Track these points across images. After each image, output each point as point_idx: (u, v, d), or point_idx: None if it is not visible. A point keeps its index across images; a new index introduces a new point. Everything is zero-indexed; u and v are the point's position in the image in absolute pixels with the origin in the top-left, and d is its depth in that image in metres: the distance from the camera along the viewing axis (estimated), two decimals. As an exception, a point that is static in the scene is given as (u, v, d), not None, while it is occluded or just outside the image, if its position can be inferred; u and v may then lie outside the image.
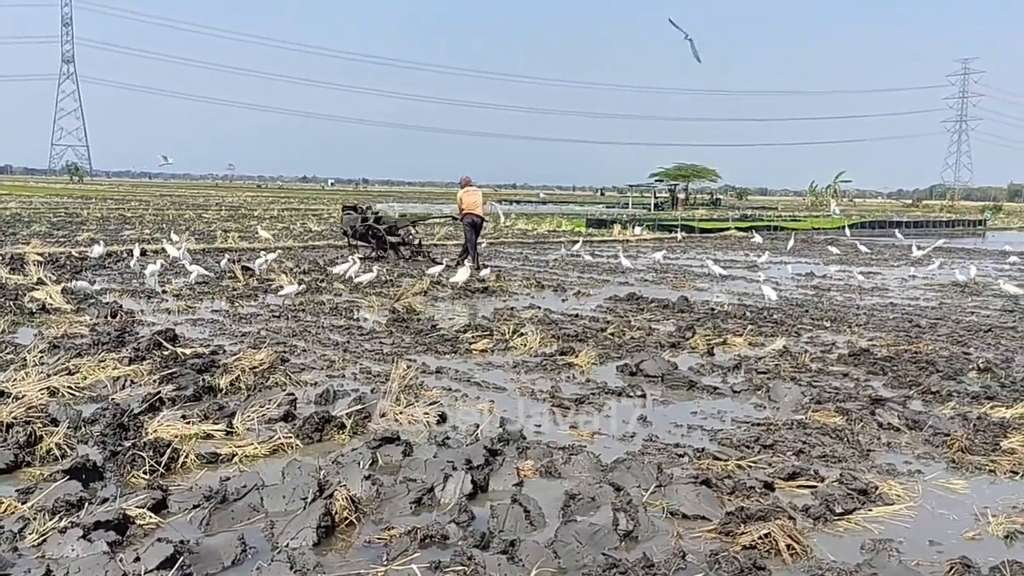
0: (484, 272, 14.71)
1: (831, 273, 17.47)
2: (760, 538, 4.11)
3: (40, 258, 15.35)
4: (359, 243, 18.38)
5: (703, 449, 5.61)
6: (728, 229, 33.16)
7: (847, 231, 31.65)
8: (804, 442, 5.80)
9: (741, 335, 9.66)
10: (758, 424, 6.27)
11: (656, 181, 67.89)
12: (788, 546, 4.06)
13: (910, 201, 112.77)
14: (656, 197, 63.51)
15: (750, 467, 5.26)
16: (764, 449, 5.65)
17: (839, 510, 4.57)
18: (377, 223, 18.00)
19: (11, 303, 10.50)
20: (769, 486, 4.90)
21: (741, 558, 3.91)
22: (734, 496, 4.74)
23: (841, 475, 5.03)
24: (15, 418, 5.51)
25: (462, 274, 13.54)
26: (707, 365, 8.23)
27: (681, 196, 64.41)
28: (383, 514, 4.47)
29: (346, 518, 4.31)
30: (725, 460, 5.36)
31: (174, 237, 20.00)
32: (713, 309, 11.82)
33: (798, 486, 4.98)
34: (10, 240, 19.73)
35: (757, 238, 26.25)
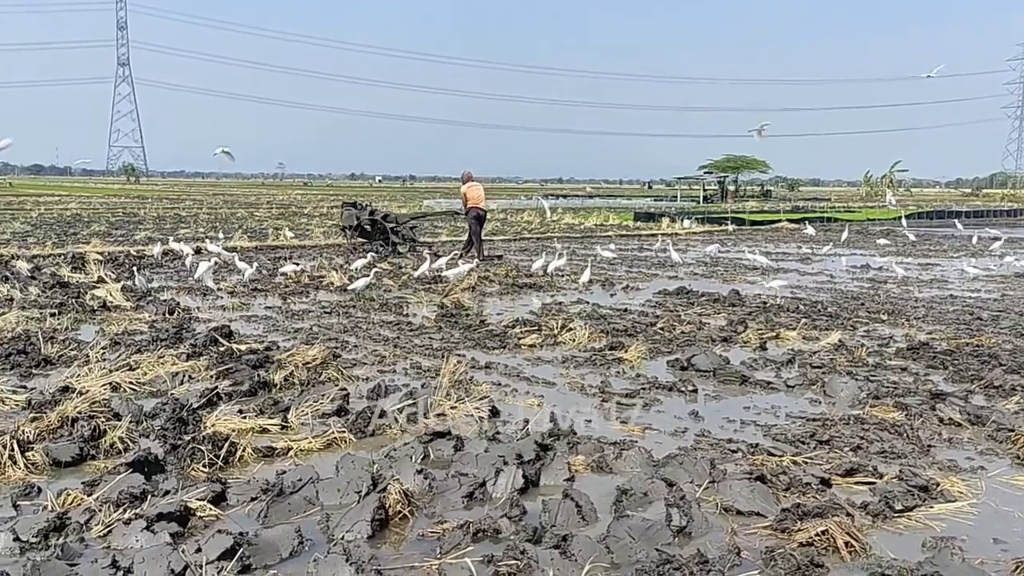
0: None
1: (887, 265, 17.10)
2: (817, 535, 4.05)
3: (100, 257, 15.77)
4: (359, 239, 18.59)
5: (757, 445, 5.54)
6: (780, 221, 32.66)
7: (904, 222, 30.93)
8: (862, 438, 5.69)
9: (794, 329, 9.51)
10: (813, 419, 6.17)
11: (705, 173, 67.14)
12: (846, 543, 3.99)
13: (969, 190, 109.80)
14: (705, 190, 62.81)
15: (806, 463, 5.18)
16: (820, 445, 5.55)
17: (899, 507, 4.48)
18: (371, 217, 18.47)
19: (74, 301, 10.81)
20: (826, 482, 4.82)
21: (798, 555, 3.85)
22: (790, 492, 4.67)
23: (901, 471, 4.93)
24: (80, 413, 5.67)
25: (463, 267, 13.73)
26: (760, 359, 8.12)
27: (731, 188, 63.61)
28: (436, 508, 4.50)
29: (399, 511, 4.35)
30: (780, 456, 5.28)
31: (220, 235, 20.39)
32: (765, 303, 11.66)
33: (856, 482, 4.89)
34: (71, 239, 20.29)
35: (810, 230, 25.83)
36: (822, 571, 3.79)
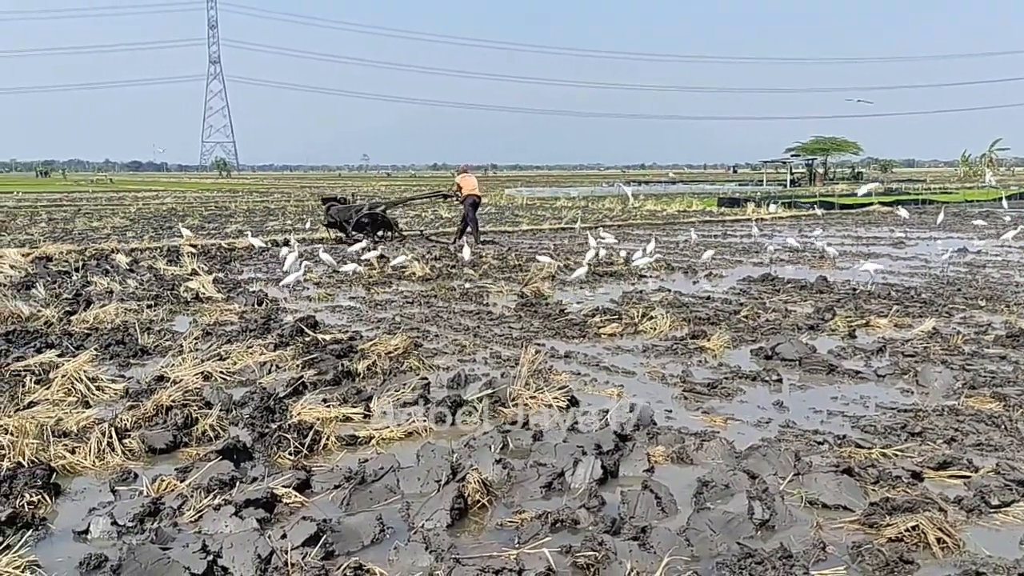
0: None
1: (985, 248, 16.35)
2: (907, 531, 3.91)
3: (193, 250, 16.36)
4: (354, 233, 18.63)
5: (844, 436, 5.38)
6: (871, 204, 31.53)
7: (1004, 203, 29.44)
8: (956, 429, 5.46)
9: (886, 316, 9.19)
10: (905, 410, 5.96)
11: (792, 156, 65.38)
12: (938, 539, 3.84)
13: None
14: (792, 173, 61.10)
15: (896, 456, 5.01)
16: (912, 437, 5.36)
17: (995, 502, 4.29)
18: (370, 211, 19.07)
19: (169, 293, 11.25)
20: (917, 476, 4.65)
21: (886, 551, 3.73)
22: (879, 486, 4.52)
23: (998, 465, 4.72)
24: (174, 401, 5.90)
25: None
26: (848, 348, 7.87)
27: (820, 171, 61.73)
28: (514, 498, 4.52)
29: (478, 501, 4.39)
30: (868, 448, 5.12)
31: (306, 227, 20.85)
32: (855, 289, 11.29)
33: (949, 476, 4.70)
34: (167, 233, 21.08)
35: (903, 212, 24.85)
36: (912, 568, 3.67)
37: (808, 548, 3.81)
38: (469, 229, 18.42)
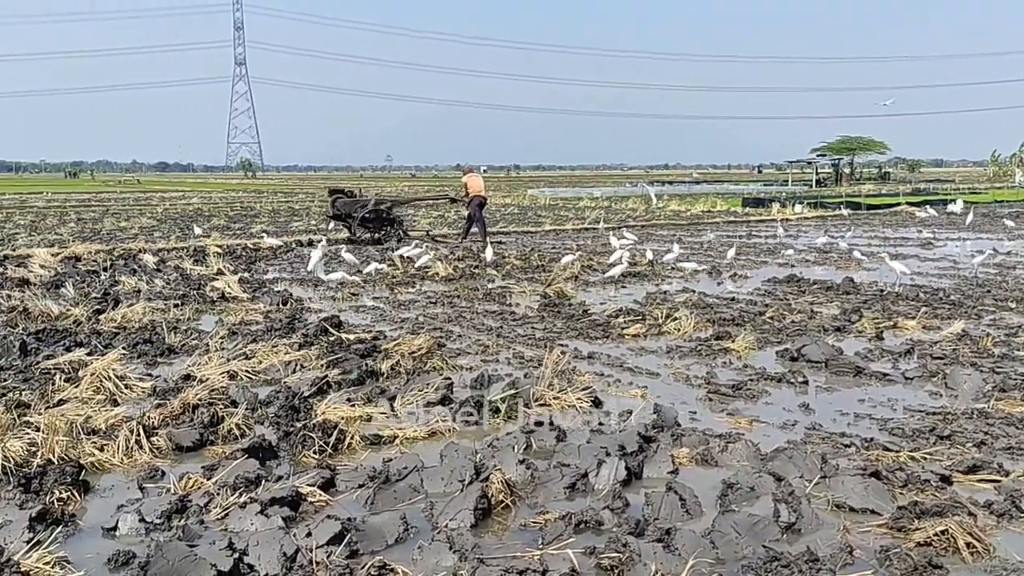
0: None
1: (1015, 249, 16.12)
2: (936, 535, 3.86)
3: (219, 250, 16.50)
4: (360, 228, 18.78)
5: (872, 439, 5.32)
6: (898, 204, 31.18)
7: (1035, 203, 29.00)
8: (986, 433, 5.39)
9: (914, 318, 9.08)
10: (933, 413, 5.88)
11: (818, 156, 64.82)
12: (968, 544, 3.79)
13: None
14: (818, 173, 60.57)
15: (924, 459, 4.95)
16: (940, 440, 5.29)
17: (1027, 507, 4.22)
18: (376, 208, 19.20)
19: (195, 292, 11.36)
20: (946, 480, 4.59)
21: (915, 555, 3.68)
22: (907, 489, 4.47)
23: (1029, 469, 4.65)
24: (200, 400, 5.95)
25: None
26: (876, 350, 7.79)
27: (846, 171, 61.15)
28: (538, 498, 4.51)
29: (502, 501, 4.39)
30: (896, 451, 5.06)
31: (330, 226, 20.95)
32: (882, 290, 11.17)
33: (979, 480, 4.64)
34: (193, 233, 21.27)
35: (931, 211, 24.56)
36: (941, 572, 3.62)
37: (835, 552, 3.77)
38: (474, 229, 18.50)
